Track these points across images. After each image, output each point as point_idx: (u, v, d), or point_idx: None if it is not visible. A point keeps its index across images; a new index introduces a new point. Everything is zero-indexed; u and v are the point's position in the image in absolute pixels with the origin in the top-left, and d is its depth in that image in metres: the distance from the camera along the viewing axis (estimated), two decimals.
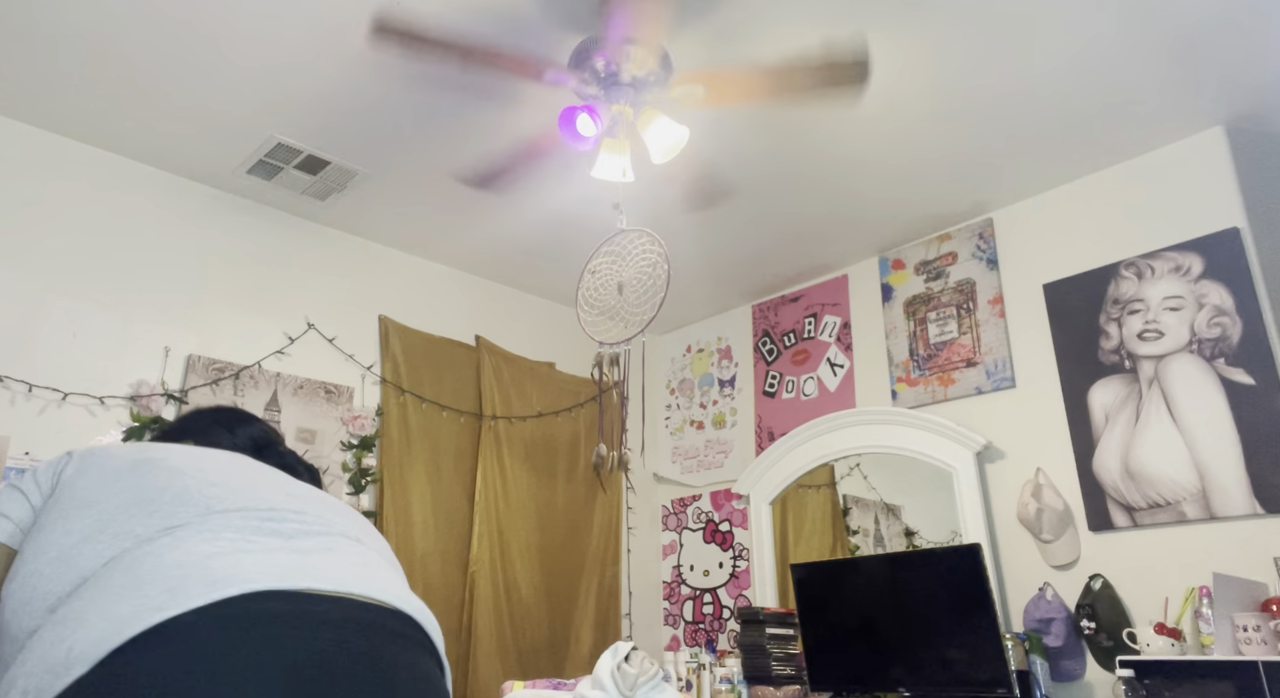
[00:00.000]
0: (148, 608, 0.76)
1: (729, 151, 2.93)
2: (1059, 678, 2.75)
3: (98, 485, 0.93)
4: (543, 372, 3.98)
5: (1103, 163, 3.02)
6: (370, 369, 3.40)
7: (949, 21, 2.34)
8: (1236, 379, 2.61)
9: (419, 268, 3.73)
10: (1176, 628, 2.46)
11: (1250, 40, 2.40)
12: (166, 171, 3.05)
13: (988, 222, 3.36)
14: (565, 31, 2.34)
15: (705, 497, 4.11)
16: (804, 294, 3.97)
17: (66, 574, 0.84)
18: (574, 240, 3.57)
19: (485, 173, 2.76)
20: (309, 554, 0.88)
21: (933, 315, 3.43)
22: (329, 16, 2.31)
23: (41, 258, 2.72)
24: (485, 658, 3.32)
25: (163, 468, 0.96)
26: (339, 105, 2.69)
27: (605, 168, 2.40)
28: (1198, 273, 2.75)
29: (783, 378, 3.93)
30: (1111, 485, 2.79)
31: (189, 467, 0.97)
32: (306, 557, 0.87)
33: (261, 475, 1.02)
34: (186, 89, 2.61)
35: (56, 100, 2.65)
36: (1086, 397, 2.91)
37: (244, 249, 3.19)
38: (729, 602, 3.85)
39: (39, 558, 0.87)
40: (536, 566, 3.65)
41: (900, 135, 2.85)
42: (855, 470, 3.50)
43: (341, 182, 3.11)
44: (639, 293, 2.51)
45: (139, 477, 0.94)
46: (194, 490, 0.93)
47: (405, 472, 3.33)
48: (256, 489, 0.97)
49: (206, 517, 0.89)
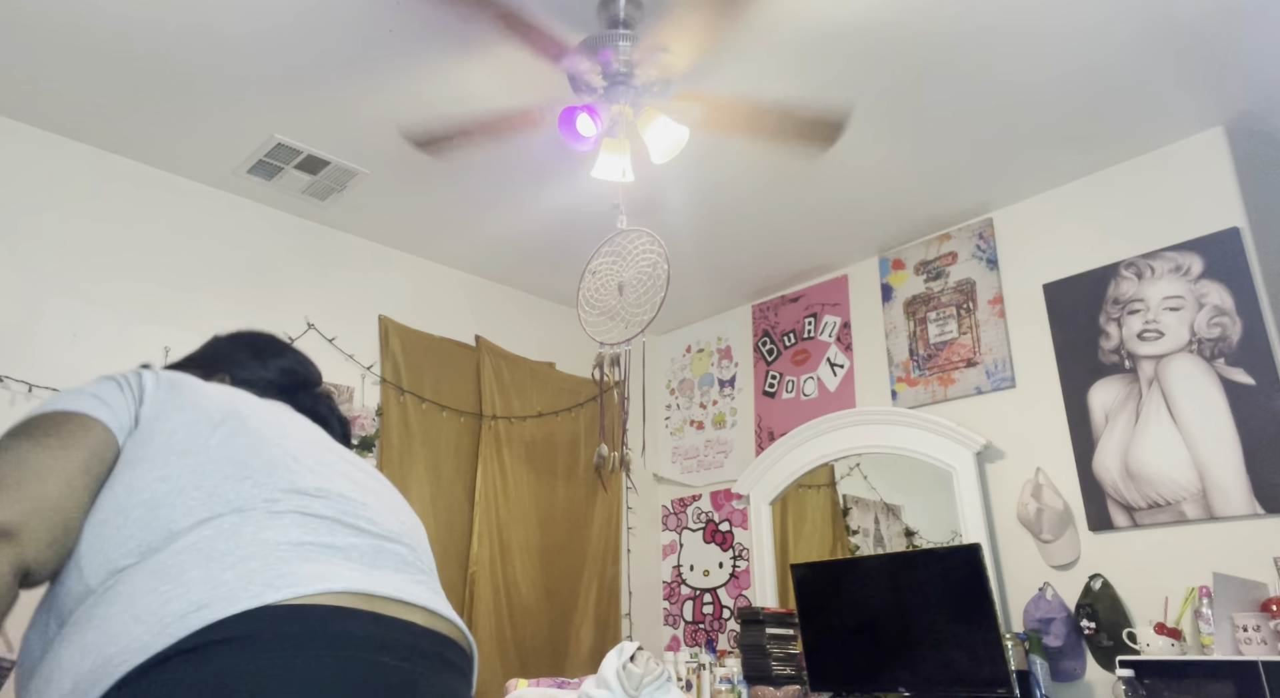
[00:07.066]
0: (257, 583, 0.76)
1: (729, 150, 2.93)
2: (1059, 678, 2.76)
3: (192, 433, 0.90)
4: (543, 372, 3.98)
5: (1102, 163, 3.03)
6: (370, 369, 3.40)
7: (951, 18, 2.35)
8: (1236, 379, 2.61)
9: (419, 268, 3.73)
10: (1176, 628, 2.46)
11: (1250, 40, 2.40)
12: (166, 171, 3.05)
13: (988, 222, 3.36)
14: (588, 18, 2.31)
15: (705, 497, 4.11)
16: (804, 294, 3.97)
17: (155, 524, 0.82)
18: (574, 240, 3.57)
19: (433, 134, 2.61)
20: (379, 569, 0.87)
21: (933, 315, 3.44)
22: (330, 15, 2.31)
23: (41, 258, 2.72)
24: (485, 658, 3.32)
25: (249, 428, 0.93)
26: (339, 105, 2.69)
27: (605, 168, 2.40)
28: (1198, 273, 2.75)
29: (783, 378, 3.94)
30: (1111, 485, 2.79)
31: (272, 433, 0.94)
32: (377, 569, 0.86)
33: (324, 449, 0.99)
34: (186, 89, 2.61)
35: (56, 100, 2.65)
36: (1086, 397, 2.92)
37: (244, 249, 3.19)
38: (729, 602, 3.85)
39: (130, 497, 0.84)
40: (536, 565, 3.65)
41: (900, 135, 2.85)
42: (855, 470, 3.50)
43: (341, 182, 3.11)
44: (639, 293, 2.51)
45: (230, 434, 0.91)
46: (279, 463, 0.90)
47: (405, 472, 3.33)
48: (328, 469, 0.95)
49: (291, 495, 0.88)
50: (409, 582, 0.88)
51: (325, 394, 1.23)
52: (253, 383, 1.16)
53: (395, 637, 0.80)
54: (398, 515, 0.99)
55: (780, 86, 2.60)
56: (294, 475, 0.90)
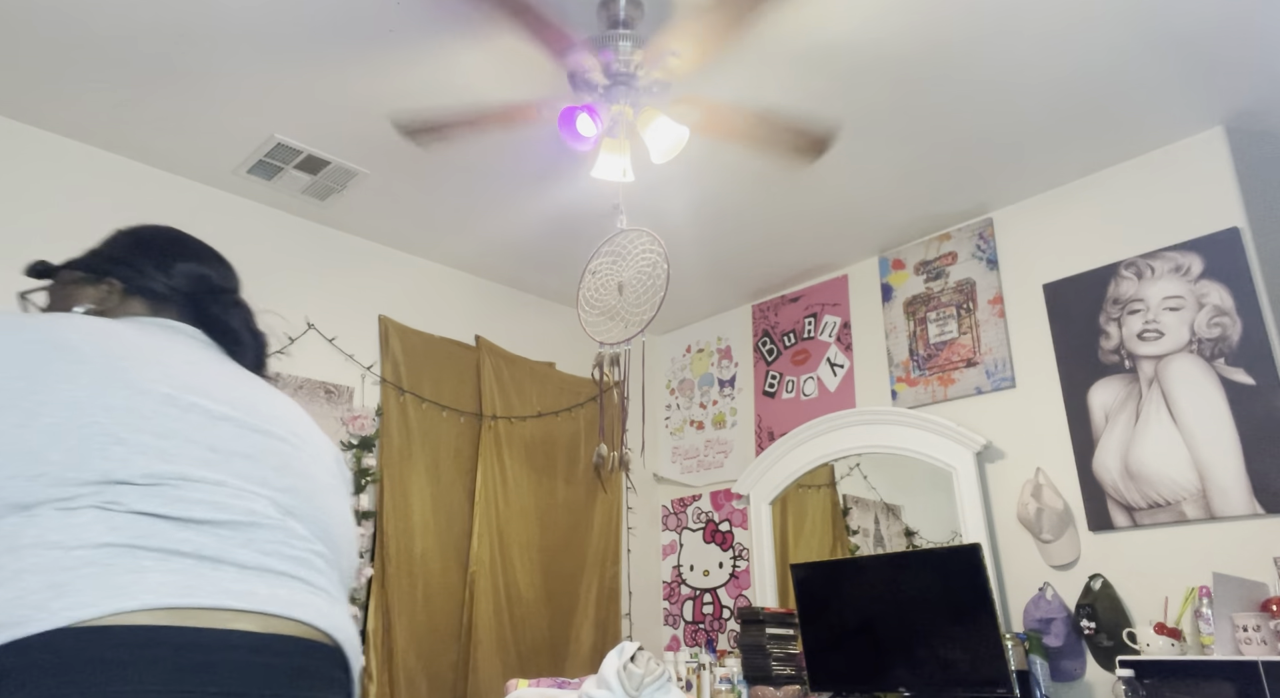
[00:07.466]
0: (27, 606, 0.63)
1: (729, 151, 2.93)
2: (1059, 678, 2.76)
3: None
4: (543, 372, 3.98)
5: (1102, 163, 3.03)
6: (370, 369, 3.40)
7: (949, 21, 2.35)
8: (1236, 379, 2.61)
9: (419, 268, 3.73)
10: (1176, 628, 2.46)
11: (1250, 40, 2.40)
12: (166, 171, 3.05)
13: (988, 222, 3.36)
14: (588, 18, 2.31)
15: (705, 497, 4.11)
16: (804, 294, 3.97)
17: None
18: (574, 240, 3.57)
19: (423, 123, 2.58)
20: (219, 568, 0.72)
21: (933, 315, 3.44)
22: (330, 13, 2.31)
23: (41, 257, 2.71)
24: (485, 658, 3.32)
25: (60, 402, 0.73)
26: (339, 105, 2.68)
27: (605, 168, 2.40)
28: (1198, 273, 2.75)
29: (783, 378, 3.93)
30: (1111, 485, 2.79)
31: (95, 404, 0.74)
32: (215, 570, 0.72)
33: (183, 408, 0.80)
34: (186, 89, 2.61)
35: (56, 100, 2.64)
36: (1086, 397, 2.92)
37: (244, 249, 3.19)
38: (729, 602, 3.85)
39: None
40: (536, 565, 3.65)
41: (900, 135, 2.85)
42: (855, 470, 3.50)
43: (341, 181, 3.11)
44: (639, 293, 2.51)
45: (29, 416, 0.72)
46: (90, 448, 0.72)
47: (405, 472, 3.33)
48: (178, 439, 0.77)
49: (103, 488, 0.71)
50: (259, 581, 0.74)
51: (239, 304, 1.05)
52: (151, 293, 0.99)
53: (219, 659, 0.67)
54: (285, 482, 0.84)
55: (780, 94, 2.60)
56: (110, 463, 0.72)
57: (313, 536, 0.83)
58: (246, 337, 1.02)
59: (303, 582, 0.78)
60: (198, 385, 0.83)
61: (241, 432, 0.83)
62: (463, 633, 3.32)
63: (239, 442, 0.82)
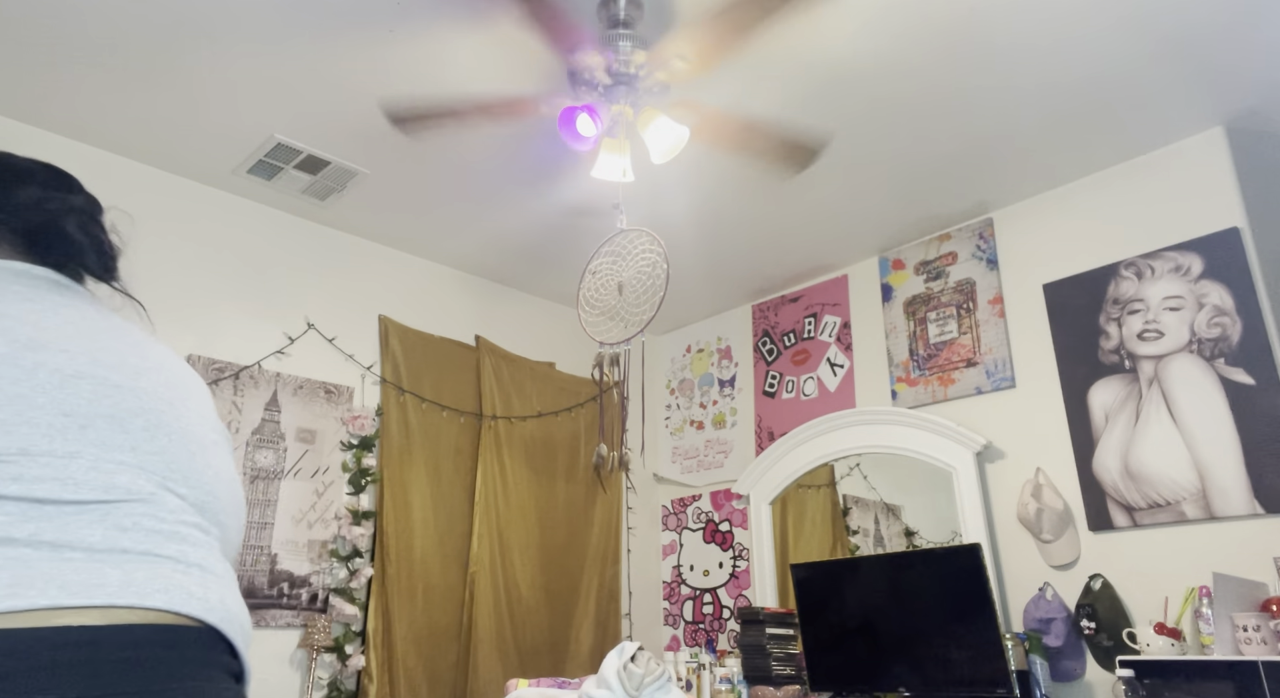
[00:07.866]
0: None
1: (728, 151, 2.93)
2: (1059, 678, 2.76)
3: None
4: (543, 372, 3.98)
5: (1102, 163, 3.03)
6: (370, 369, 3.40)
7: (949, 20, 2.35)
8: (1236, 379, 2.61)
9: (419, 268, 3.73)
10: (1176, 628, 2.46)
11: (1250, 40, 2.40)
12: (166, 172, 3.05)
13: (988, 222, 3.36)
14: (588, 18, 2.31)
15: (705, 497, 4.11)
16: (804, 294, 3.97)
17: None
18: (574, 240, 3.57)
19: (414, 111, 2.56)
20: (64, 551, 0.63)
21: (933, 315, 3.44)
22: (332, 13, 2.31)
23: None
24: (485, 658, 3.32)
25: None
26: (339, 105, 2.68)
27: (605, 168, 2.40)
28: (1198, 273, 2.75)
29: (783, 378, 3.94)
30: (1111, 485, 2.79)
31: None
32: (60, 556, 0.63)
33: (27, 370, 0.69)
34: (186, 89, 2.61)
35: (56, 100, 2.64)
36: (1086, 397, 2.92)
37: (244, 249, 3.19)
38: (729, 602, 3.85)
39: None
40: (536, 565, 3.65)
41: (901, 135, 2.85)
42: (855, 470, 3.50)
43: (341, 181, 3.11)
44: (639, 293, 2.51)
45: None
46: None
47: (405, 472, 3.33)
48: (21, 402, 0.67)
49: None
50: (111, 565, 0.65)
51: (84, 213, 0.92)
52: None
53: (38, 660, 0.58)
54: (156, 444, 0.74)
55: (779, 97, 2.60)
56: None
57: (188, 505, 0.74)
58: (89, 253, 0.90)
59: (169, 560, 0.69)
60: (48, 340, 0.72)
61: (102, 389, 0.73)
62: (463, 633, 3.32)
63: (100, 402, 0.72)
